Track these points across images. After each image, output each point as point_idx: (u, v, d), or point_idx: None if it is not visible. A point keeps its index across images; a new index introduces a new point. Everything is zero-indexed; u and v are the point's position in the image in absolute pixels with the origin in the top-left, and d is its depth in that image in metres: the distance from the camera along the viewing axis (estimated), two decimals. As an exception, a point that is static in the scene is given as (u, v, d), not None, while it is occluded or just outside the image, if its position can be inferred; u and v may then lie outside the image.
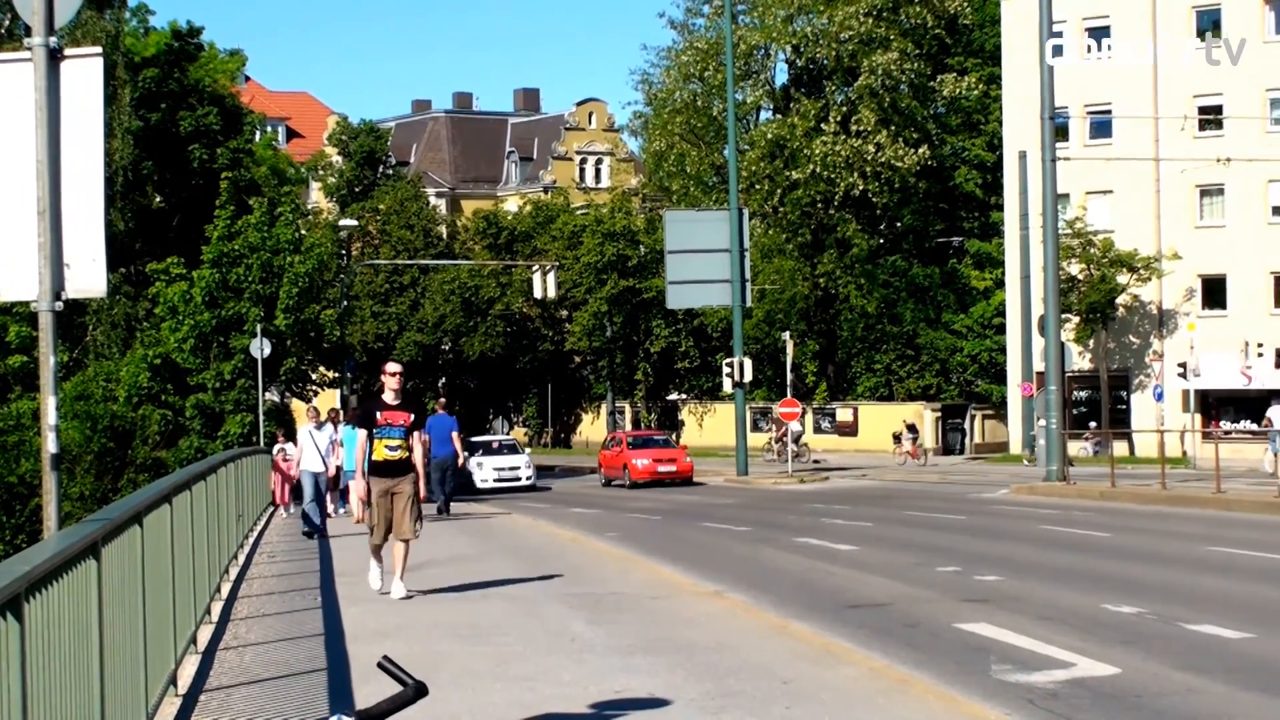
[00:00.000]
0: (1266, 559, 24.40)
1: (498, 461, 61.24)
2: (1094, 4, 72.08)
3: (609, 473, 62.59)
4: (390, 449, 19.01)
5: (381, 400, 19.23)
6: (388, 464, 19.04)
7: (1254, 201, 69.73)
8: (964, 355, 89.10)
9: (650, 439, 65.16)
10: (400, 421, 19.07)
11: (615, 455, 62.16)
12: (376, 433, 19.03)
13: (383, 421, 19.03)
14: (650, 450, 61.14)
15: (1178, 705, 12.73)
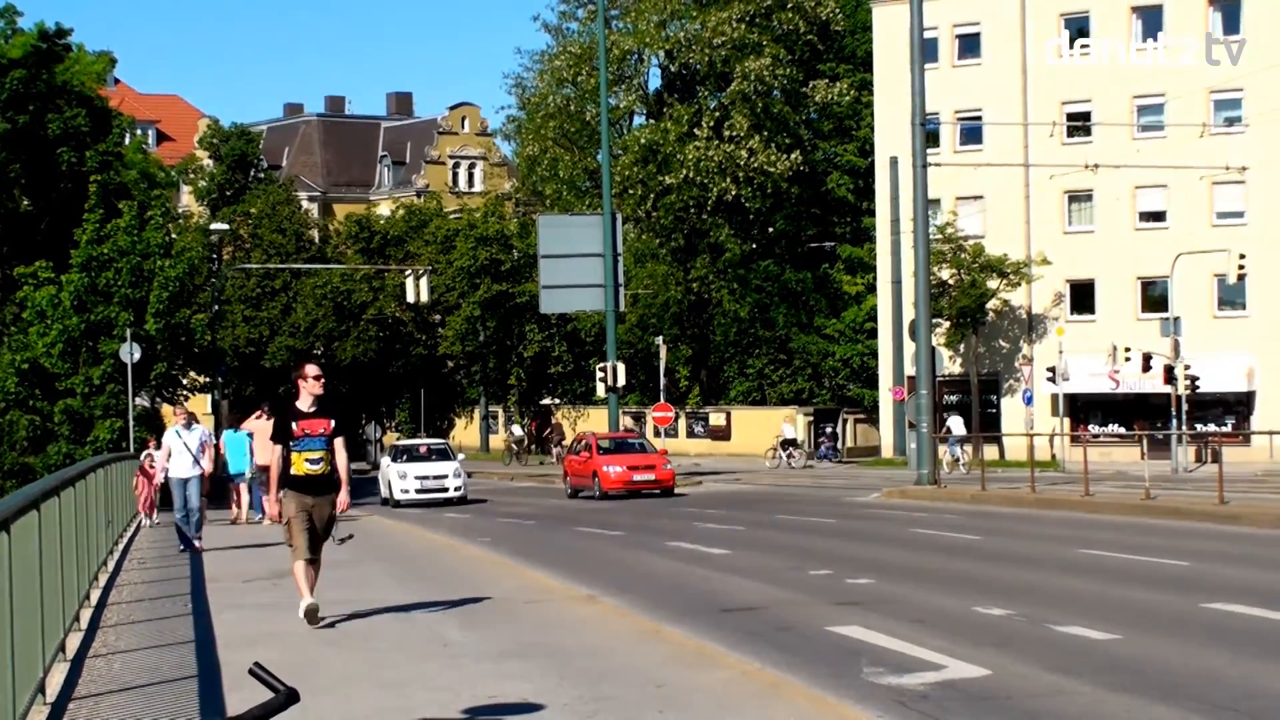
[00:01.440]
0: (1133, 561, 24.67)
1: (422, 469, 51.82)
2: (964, 11, 72.72)
3: (576, 482, 54.10)
4: (311, 463, 16.89)
5: (297, 408, 17.02)
6: (309, 480, 16.94)
7: (1121, 207, 70.51)
8: (836, 359, 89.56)
9: (624, 443, 55.83)
10: (320, 430, 16.89)
11: (583, 462, 53.60)
12: (294, 445, 16.87)
13: (300, 432, 16.86)
14: (624, 456, 52.93)
15: (1047, 706, 12.84)
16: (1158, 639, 16.33)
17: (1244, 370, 68.67)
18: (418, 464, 52.34)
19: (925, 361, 49.94)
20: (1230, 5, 70.45)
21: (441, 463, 52.58)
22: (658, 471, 51.86)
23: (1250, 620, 17.43)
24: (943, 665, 14.72)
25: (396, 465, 52.34)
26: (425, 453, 54.14)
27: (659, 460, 53.20)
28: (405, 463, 52.47)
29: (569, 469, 55.90)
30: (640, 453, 54.28)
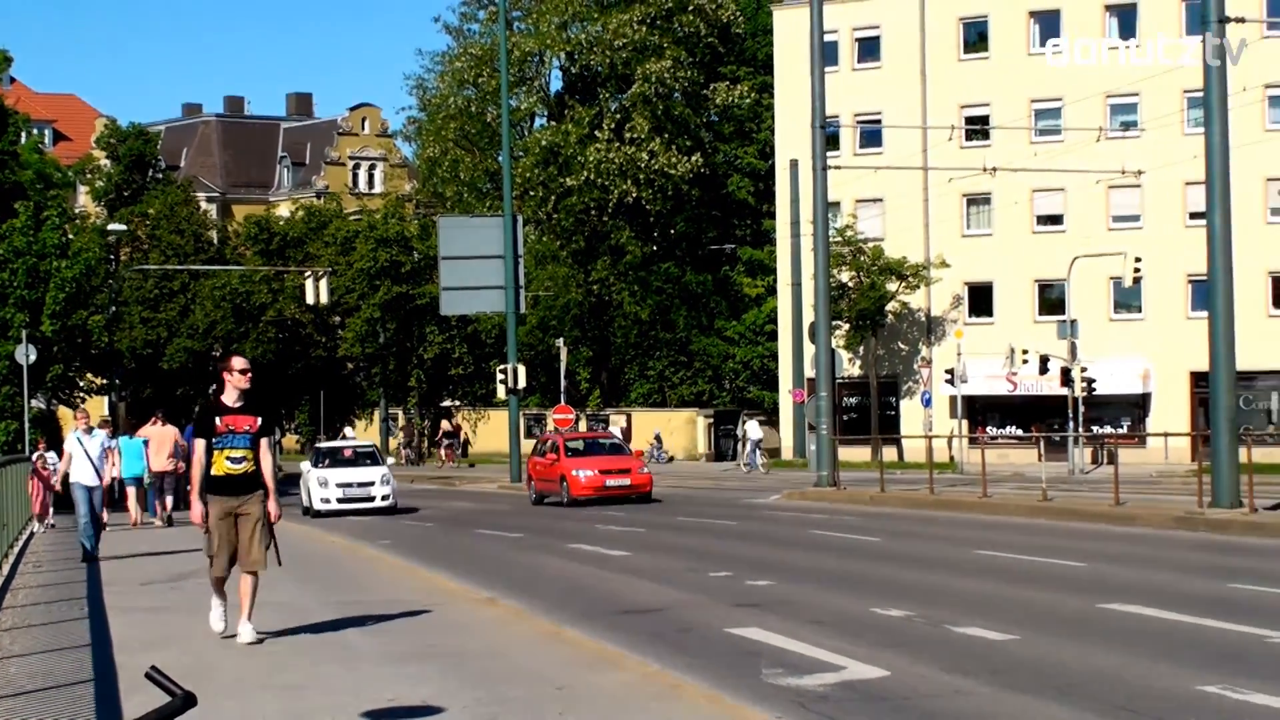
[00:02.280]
0: (1030, 561, 24.84)
1: (345, 475, 45.82)
2: (864, 15, 73.10)
3: (542, 487, 49.10)
4: (233, 461, 15.88)
5: (222, 402, 16.00)
6: (230, 480, 15.91)
7: (1019, 211, 71.07)
8: (736, 362, 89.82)
9: (595, 443, 51.67)
10: (245, 427, 15.87)
11: (549, 465, 48.68)
12: (216, 442, 15.86)
13: (224, 428, 15.85)
14: (596, 458, 48.30)
15: (945, 706, 12.91)
16: (1055, 639, 16.44)
17: (1139, 373, 69.35)
18: (341, 469, 46.27)
19: (825, 364, 50.10)
20: (1127, 11, 71.13)
21: (367, 468, 46.43)
22: (633, 476, 47.05)
23: (1145, 620, 17.58)
24: (842, 666, 14.77)
25: (317, 471, 45.96)
26: (350, 456, 48.01)
27: (634, 463, 48.85)
28: (327, 467, 46.35)
29: (533, 473, 50.58)
30: (614, 454, 49.52)
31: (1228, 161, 32.09)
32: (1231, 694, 12.81)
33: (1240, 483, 31.24)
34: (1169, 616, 17.68)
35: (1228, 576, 21.48)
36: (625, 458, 49.58)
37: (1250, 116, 61.45)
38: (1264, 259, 64.77)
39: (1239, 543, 27.44)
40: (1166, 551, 26.32)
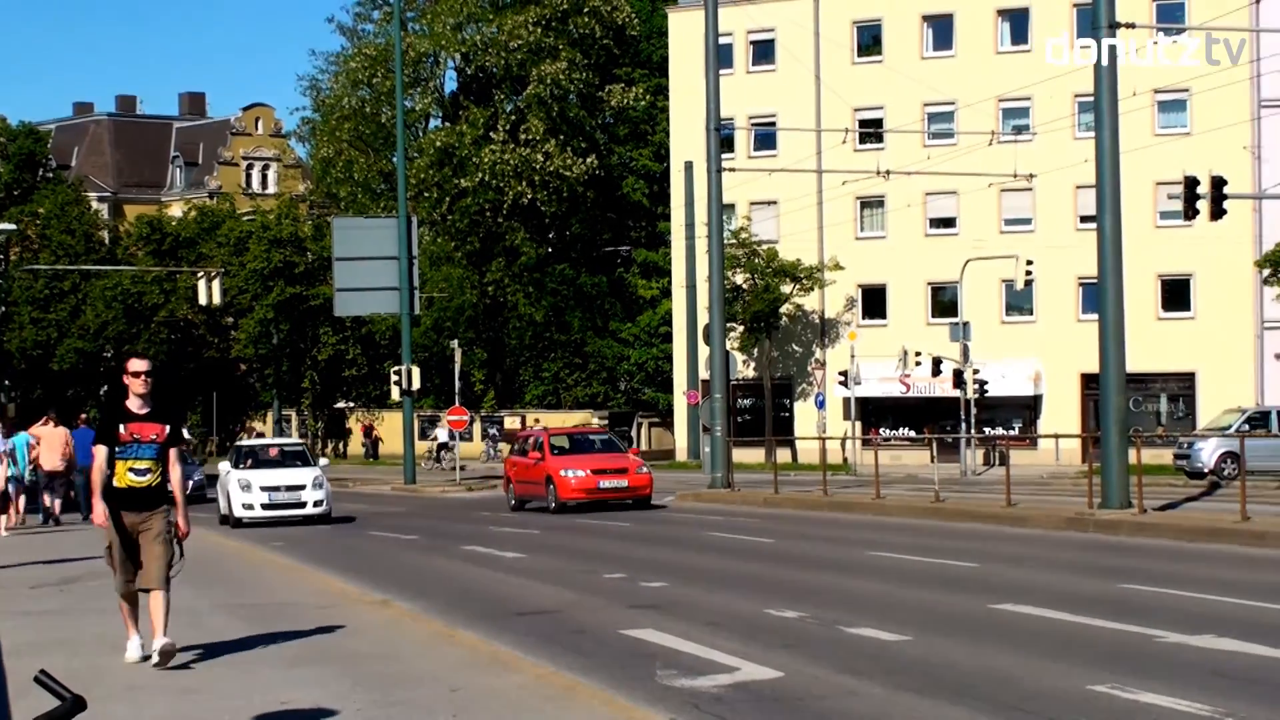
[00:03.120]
0: (923, 562, 24.99)
1: (272, 478, 40.52)
2: (759, 18, 73.33)
3: (523, 490, 44.16)
4: (137, 473, 14.41)
5: (126, 408, 14.55)
6: (134, 493, 14.47)
7: (913, 214, 71.49)
8: (631, 363, 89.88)
9: (586, 440, 46.37)
10: (151, 436, 14.44)
11: (532, 465, 43.63)
12: (119, 452, 14.40)
13: (128, 436, 14.40)
14: (587, 457, 43.42)
15: (838, 707, 12.96)
16: (947, 640, 16.54)
17: (1031, 375, 69.92)
18: (266, 471, 41.04)
19: (719, 365, 50.20)
20: (1019, 15, 71.73)
21: (297, 469, 41.13)
22: (631, 476, 42.27)
23: (1037, 621, 17.72)
24: (736, 667, 14.80)
25: (238, 473, 40.67)
26: (276, 456, 42.82)
27: (631, 463, 43.63)
28: (249, 469, 41.23)
29: (512, 474, 45.28)
30: (607, 453, 44.41)
31: (1118, 165, 32.38)
32: (1121, 693, 12.92)
33: (1130, 484, 31.52)
34: (1060, 617, 17.82)
35: (1117, 577, 21.67)
36: (620, 456, 44.41)
37: (1140, 121, 62.03)
38: (1154, 262, 65.43)
39: (1128, 543, 27.70)
40: (1057, 552, 26.52)
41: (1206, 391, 67.50)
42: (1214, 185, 38.16)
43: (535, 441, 44.72)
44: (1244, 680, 13.52)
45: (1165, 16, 66.71)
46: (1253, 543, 25.89)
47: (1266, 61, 63.56)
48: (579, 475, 41.84)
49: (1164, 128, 67.85)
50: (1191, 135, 66.08)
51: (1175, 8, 67.64)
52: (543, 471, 42.60)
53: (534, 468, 43.33)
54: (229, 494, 40.28)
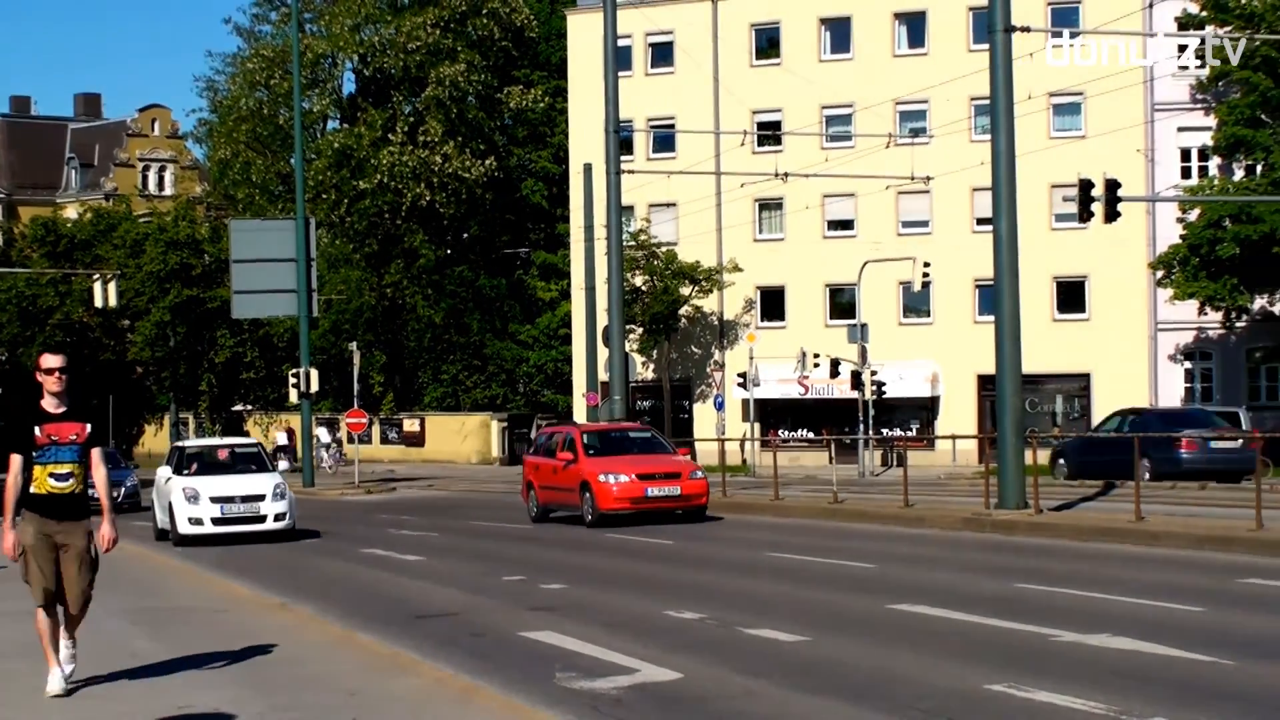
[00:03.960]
0: (821, 563, 25.08)
1: (224, 486, 34.20)
2: (658, 20, 73.41)
3: (550, 497, 38.05)
4: (57, 479, 13.14)
5: (41, 408, 13.29)
6: (54, 500, 13.17)
7: (811, 216, 71.71)
8: (530, 365, 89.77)
9: (624, 437, 38.94)
10: (71, 437, 13.21)
11: (561, 469, 37.30)
12: (36, 457, 13.12)
13: (45, 439, 13.14)
14: (630, 458, 36.57)
15: (737, 708, 13.00)
16: (845, 640, 16.62)
17: (928, 376, 70.29)
18: (216, 478, 34.78)
19: (618, 367, 50.21)
20: (915, 20, 72.13)
21: (254, 476, 35.10)
22: (684, 483, 35.53)
23: (934, 621, 17.82)
24: (635, 669, 14.82)
25: (182, 480, 34.51)
26: (226, 460, 36.84)
27: (683, 465, 36.94)
28: (194, 475, 34.86)
29: (534, 478, 38.95)
30: (652, 453, 37.41)
31: (1013, 168, 32.61)
32: (1017, 692, 13.02)
33: (1026, 484, 31.76)
34: (957, 617, 17.93)
35: (1014, 577, 21.82)
36: (669, 458, 37.32)
37: (1035, 124, 62.54)
38: (1049, 264, 65.89)
39: (1024, 543, 27.90)
40: (955, 552, 26.68)
41: (1101, 392, 68.04)
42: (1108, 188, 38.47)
43: (565, 439, 38.00)
44: (1139, 679, 13.65)
45: (1060, 20, 67.19)
46: (1147, 542, 26.13)
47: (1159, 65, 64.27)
48: (622, 481, 35.02)
49: (1059, 131, 68.38)
50: (1086, 138, 66.59)
51: (1070, 11, 68.18)
52: (576, 476, 36.03)
53: (564, 471, 36.83)
54: (171, 505, 33.83)
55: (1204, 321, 64.78)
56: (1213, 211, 58.73)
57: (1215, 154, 62.59)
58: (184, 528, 33.54)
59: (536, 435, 44.58)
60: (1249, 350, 66.53)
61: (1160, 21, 62.60)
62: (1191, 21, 59.82)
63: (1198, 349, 68.02)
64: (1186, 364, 68.37)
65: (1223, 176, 63.10)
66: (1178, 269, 60.12)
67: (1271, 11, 57.58)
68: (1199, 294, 59.59)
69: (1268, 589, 19.85)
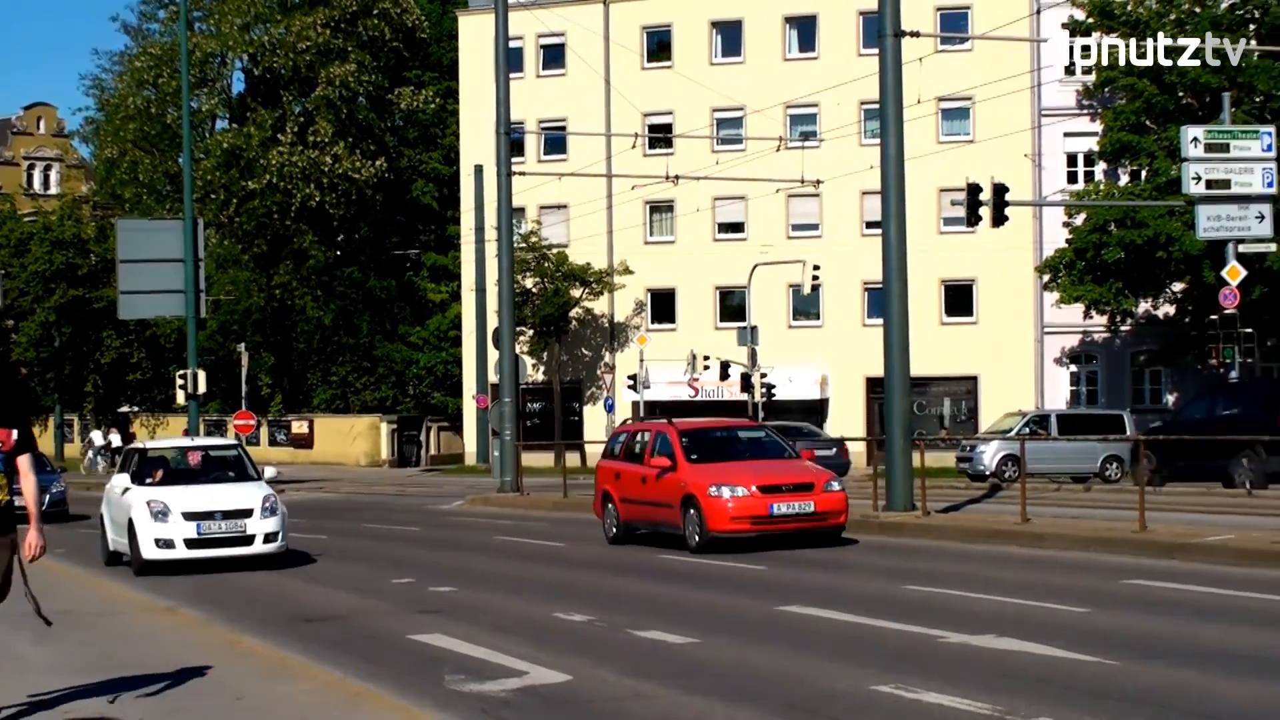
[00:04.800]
0: (710, 565, 25.12)
1: (200, 499, 27.19)
2: (550, 22, 73.34)
3: (637, 514, 29.87)
4: None
5: None
6: None
7: (701, 218, 71.90)
8: (420, 367, 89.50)
9: (734, 438, 30.90)
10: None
11: (654, 479, 28.89)
12: None
13: None
14: (748, 466, 28.49)
15: (626, 710, 13.00)
16: (735, 642, 16.65)
17: (817, 378, 70.61)
18: (188, 488, 27.74)
19: (509, 369, 50.17)
20: (806, 24, 72.47)
21: (236, 486, 27.90)
22: (818, 496, 27.48)
23: (822, 622, 17.89)
24: (524, 671, 14.81)
25: (145, 491, 27.27)
26: (199, 465, 29.99)
27: (815, 474, 28.36)
28: (161, 485, 27.83)
29: (612, 489, 30.43)
30: (772, 458, 29.23)
31: (902, 172, 32.78)
32: (905, 693, 13.09)
33: (913, 486, 31.91)
34: (845, 618, 18.01)
35: (902, 578, 21.93)
36: (796, 465, 28.99)
37: (924, 128, 62.95)
38: (937, 268, 66.32)
39: (912, 545, 28.03)
40: (844, 554, 26.78)
41: (989, 395, 68.62)
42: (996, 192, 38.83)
43: (657, 440, 29.52)
44: (1025, 679, 13.76)
45: (949, 25, 67.79)
46: (1033, 544, 26.32)
47: (1046, 71, 64.87)
48: (739, 495, 26.91)
49: (948, 135, 68.85)
50: (974, 143, 67.09)
51: (959, 17, 68.73)
52: (676, 488, 27.87)
53: (659, 482, 28.49)
54: (132, 523, 26.62)
55: (1089, 325, 65.42)
56: (1098, 216, 59.29)
57: (1101, 159, 63.17)
58: (149, 551, 26.23)
59: (613, 434, 35.38)
60: (1133, 354, 67.21)
61: (1048, 28, 63.11)
62: (1079, 28, 60.39)
63: (1083, 352, 68.68)
64: (1072, 367, 69.03)
65: (1108, 182, 63.70)
66: (1064, 273, 60.65)
67: (1157, 19, 58.20)
68: (1085, 298, 60.14)
69: (1150, 589, 20.05)
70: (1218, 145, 42.08)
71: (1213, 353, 44.11)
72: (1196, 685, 13.38)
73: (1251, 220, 42.28)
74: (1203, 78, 55.66)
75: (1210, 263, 52.21)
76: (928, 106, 60.87)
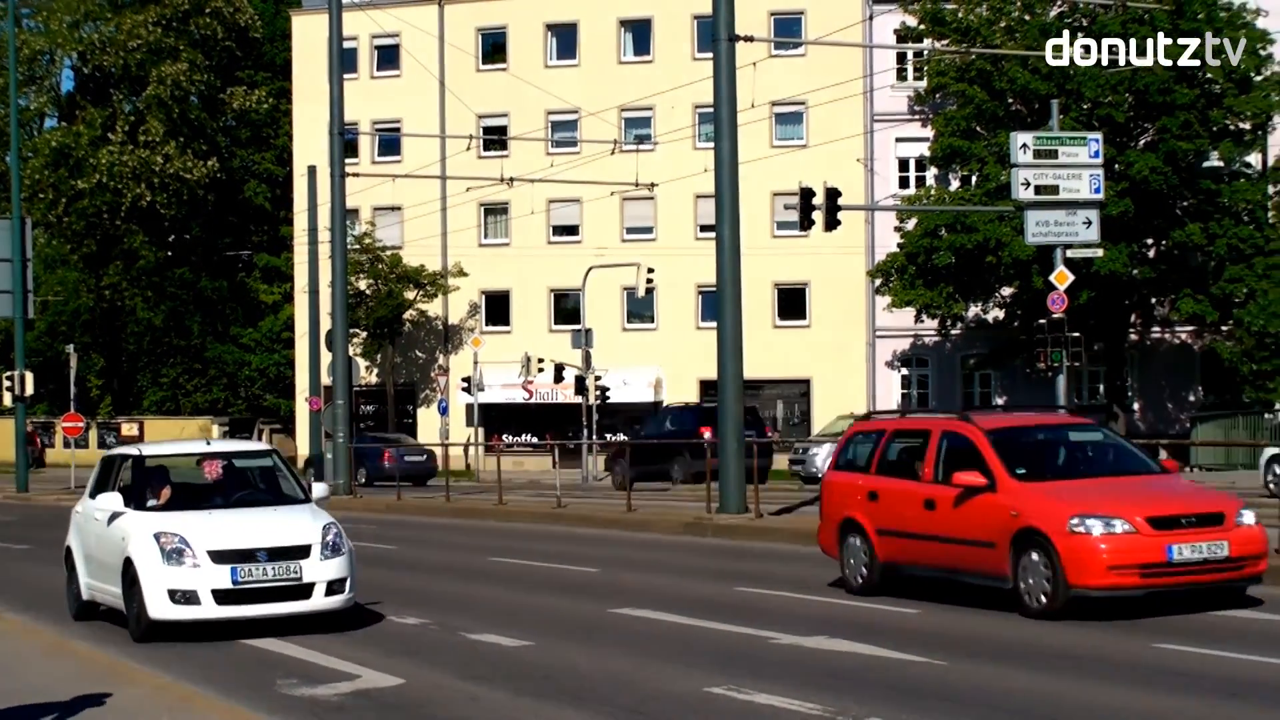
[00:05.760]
0: (545, 568, 25.15)
1: (235, 531, 18.37)
2: (384, 23, 73.01)
3: (908, 553, 20.03)
4: None
5: None
6: None
7: (536, 221, 71.83)
8: (252, 369, 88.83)
9: (1061, 439, 20.65)
10: None
11: (951, 505, 19.04)
12: None
13: None
14: (1113, 487, 18.75)
15: (460, 713, 13.02)
16: (568, 644, 16.70)
17: (651, 381, 70.78)
18: (215, 516, 18.99)
19: (342, 371, 49.89)
20: (641, 27, 72.65)
21: (280, 511, 19.51)
22: (1231, 532, 18.03)
23: (656, 624, 17.97)
24: (357, 675, 14.78)
25: (150, 519, 18.76)
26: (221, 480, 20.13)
27: (1223, 501, 18.85)
28: (170, 509, 19.15)
29: (861, 514, 20.82)
30: (1137, 472, 19.69)
31: (736, 176, 32.95)
32: (737, 694, 13.20)
33: (746, 489, 32.07)
34: (679, 620, 18.11)
35: (734, 580, 22.06)
36: (1179, 485, 19.86)
37: (758, 133, 63.31)
38: (771, 271, 66.66)
39: (745, 547, 28.19)
40: (677, 556, 26.91)
41: (822, 398, 69.13)
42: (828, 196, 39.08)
43: (950, 445, 19.76)
44: (855, 680, 13.91)
45: (783, 30, 68.19)
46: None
47: (879, 77, 65.47)
48: (1118, 532, 17.66)
49: (781, 140, 69.26)
50: (808, 148, 67.53)
51: (793, 22, 69.18)
52: (1001, 520, 18.38)
53: (962, 509, 18.99)
54: (132, 566, 18.14)
55: (920, 329, 66.03)
56: (929, 221, 59.87)
57: (932, 164, 63.78)
58: (160, 607, 17.73)
59: (848, 434, 22.69)
60: (963, 357, 67.94)
61: (880, 34, 63.69)
62: (910, 35, 61.00)
63: (914, 355, 69.36)
64: (903, 370, 69.70)
65: (939, 187, 64.36)
66: (895, 277, 61.19)
67: (986, 26, 58.92)
68: (916, 302, 60.69)
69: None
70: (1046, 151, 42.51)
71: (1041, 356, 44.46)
72: (1024, 686, 13.57)
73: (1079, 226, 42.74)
74: (1032, 84, 56.44)
75: (1039, 267, 52.89)
76: (761, 111, 61.20)
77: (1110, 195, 50.23)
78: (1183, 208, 58.15)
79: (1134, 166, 55.39)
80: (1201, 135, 56.31)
